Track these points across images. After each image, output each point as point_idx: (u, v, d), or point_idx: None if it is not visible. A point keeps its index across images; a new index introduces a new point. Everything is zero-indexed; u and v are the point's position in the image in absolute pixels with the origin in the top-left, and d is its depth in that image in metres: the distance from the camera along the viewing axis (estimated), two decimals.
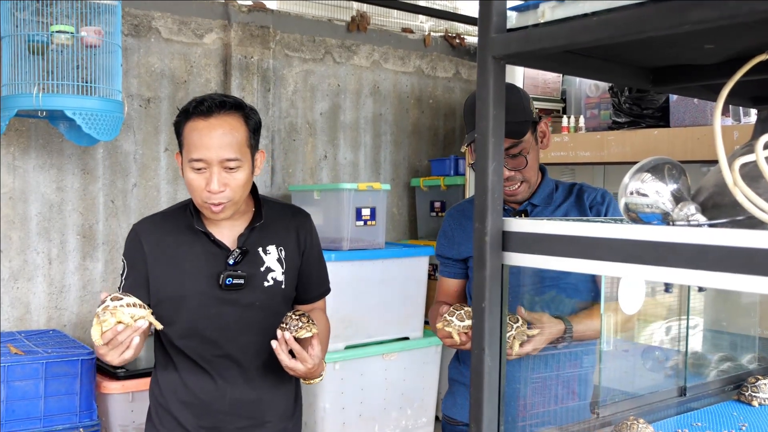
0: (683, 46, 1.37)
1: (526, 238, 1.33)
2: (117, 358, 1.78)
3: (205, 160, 1.93)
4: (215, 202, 1.96)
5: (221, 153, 1.94)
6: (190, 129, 1.96)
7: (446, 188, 4.50)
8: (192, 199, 2.04)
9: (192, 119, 1.96)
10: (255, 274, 2.07)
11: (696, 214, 1.19)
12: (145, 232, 2.08)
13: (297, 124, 4.42)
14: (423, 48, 4.99)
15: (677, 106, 3.28)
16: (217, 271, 2.03)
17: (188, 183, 1.98)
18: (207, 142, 1.93)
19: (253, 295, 2.06)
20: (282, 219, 2.17)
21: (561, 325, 1.96)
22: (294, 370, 1.96)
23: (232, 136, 1.96)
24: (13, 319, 3.42)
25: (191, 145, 1.95)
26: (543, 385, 1.98)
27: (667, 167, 1.28)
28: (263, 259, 2.09)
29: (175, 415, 2.06)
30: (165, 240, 2.07)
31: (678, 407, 1.89)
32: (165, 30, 3.84)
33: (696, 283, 1.07)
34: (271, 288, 2.09)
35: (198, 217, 2.06)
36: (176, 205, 2.18)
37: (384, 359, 3.92)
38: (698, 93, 1.81)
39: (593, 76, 1.71)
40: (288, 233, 2.16)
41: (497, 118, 1.35)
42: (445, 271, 2.36)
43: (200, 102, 1.97)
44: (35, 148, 3.47)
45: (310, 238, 2.21)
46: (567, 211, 2.17)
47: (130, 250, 2.08)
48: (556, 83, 4.33)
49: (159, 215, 2.16)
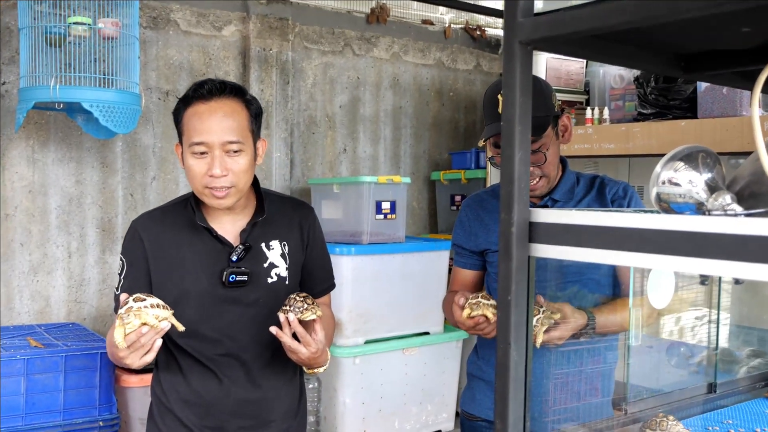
0: (719, 30, 1.32)
1: (554, 228, 1.29)
2: (138, 361, 1.73)
3: (206, 144, 1.88)
4: (218, 186, 1.90)
5: (223, 136, 1.89)
6: (191, 114, 1.91)
7: (467, 182, 4.46)
8: (192, 190, 1.98)
9: (192, 104, 1.92)
10: (258, 270, 2.01)
11: (732, 203, 1.14)
12: (145, 228, 2.02)
13: (316, 117, 4.39)
14: (443, 40, 4.94)
15: (705, 97, 3.21)
16: (219, 268, 1.97)
17: (188, 169, 1.93)
18: (208, 126, 1.89)
19: (256, 293, 2.01)
20: (284, 213, 2.11)
21: (583, 316, 1.91)
22: (297, 354, 1.89)
23: (233, 119, 1.92)
24: (33, 312, 3.42)
25: (192, 130, 1.90)
26: (565, 381, 1.93)
27: (702, 156, 1.24)
28: (266, 255, 2.03)
29: (178, 414, 2.01)
30: (166, 236, 2.01)
31: (707, 404, 1.85)
32: (183, 22, 3.82)
33: (734, 274, 1.02)
34: (275, 284, 2.03)
35: (200, 212, 2.00)
36: (175, 200, 2.12)
37: (404, 354, 3.89)
38: (731, 81, 1.76)
39: (624, 63, 1.66)
40: (291, 227, 2.10)
41: (524, 106, 1.31)
42: (461, 262, 2.32)
43: (200, 85, 1.93)
44: (54, 141, 3.46)
45: (313, 231, 2.15)
46: (588, 205, 2.13)
47: (130, 247, 2.02)
48: (580, 74, 4.27)
49: (158, 211, 2.09)
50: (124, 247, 2.04)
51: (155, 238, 2.00)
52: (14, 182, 3.36)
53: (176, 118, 1.97)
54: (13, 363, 2.69)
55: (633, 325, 1.67)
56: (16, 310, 3.37)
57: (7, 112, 3.31)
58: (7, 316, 3.34)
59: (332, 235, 3.90)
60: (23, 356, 2.70)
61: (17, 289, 3.37)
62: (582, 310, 1.93)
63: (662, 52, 1.55)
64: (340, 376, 3.70)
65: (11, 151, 3.35)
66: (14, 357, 2.69)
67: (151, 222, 2.03)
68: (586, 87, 4.30)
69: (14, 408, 2.70)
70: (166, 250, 1.99)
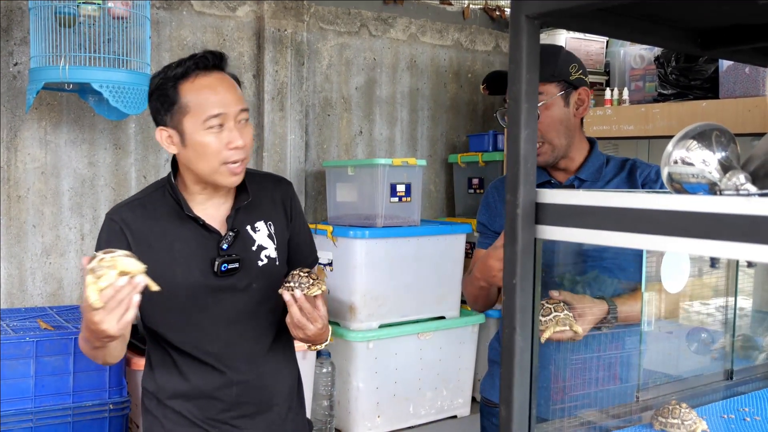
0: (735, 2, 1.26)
1: (561, 210, 1.25)
2: (116, 323, 1.55)
3: (225, 114, 1.83)
4: (238, 159, 1.85)
5: (237, 104, 1.86)
6: (198, 87, 1.84)
7: (484, 164, 4.40)
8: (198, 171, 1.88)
9: (191, 78, 1.85)
10: (248, 255, 1.96)
11: (746, 183, 1.10)
12: (125, 221, 1.91)
13: (332, 99, 4.35)
14: (462, 21, 4.87)
15: (727, 76, 3.13)
16: (209, 257, 1.91)
17: (204, 147, 1.83)
18: (223, 96, 1.84)
19: (248, 278, 1.96)
20: (266, 191, 2.05)
21: (604, 305, 1.85)
22: (304, 329, 1.86)
23: (237, 88, 1.89)
24: (46, 294, 3.41)
25: (204, 103, 1.83)
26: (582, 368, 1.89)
27: (715, 134, 1.19)
28: (253, 238, 1.98)
29: (179, 410, 1.96)
30: (150, 228, 1.91)
31: (725, 391, 1.80)
32: (197, 2, 3.79)
33: (746, 257, 0.97)
34: (266, 267, 1.99)
35: (185, 202, 1.93)
36: (149, 189, 2.02)
37: (419, 339, 3.86)
38: (751, 58, 1.69)
39: (637, 39, 1.61)
40: (274, 206, 2.05)
41: (531, 83, 1.26)
42: (484, 243, 2.29)
43: (200, 56, 1.86)
44: (67, 122, 3.44)
45: (295, 207, 2.10)
46: (617, 186, 2.08)
47: (110, 241, 1.87)
48: (600, 55, 4.19)
49: (135, 201, 1.98)
50: (102, 241, 1.91)
51: (138, 228, 1.91)
52: (27, 164, 3.35)
53: (168, 99, 1.86)
54: (23, 345, 2.69)
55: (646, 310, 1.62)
56: (29, 292, 3.37)
57: (20, 93, 3.30)
58: (20, 298, 3.34)
59: (346, 218, 3.87)
60: (32, 338, 2.70)
61: (30, 271, 3.37)
62: (603, 299, 1.88)
63: (677, 27, 1.49)
64: (354, 360, 3.68)
65: (24, 132, 3.34)
66: (23, 339, 2.69)
67: (130, 213, 1.93)
68: (606, 68, 4.22)
69: (24, 390, 2.70)
70: (152, 241, 1.91)
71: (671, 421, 1.50)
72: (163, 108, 1.87)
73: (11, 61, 3.29)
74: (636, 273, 2.02)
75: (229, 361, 1.96)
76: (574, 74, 2.07)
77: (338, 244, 3.69)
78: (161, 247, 1.91)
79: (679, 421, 1.49)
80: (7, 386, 2.66)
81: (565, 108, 2.06)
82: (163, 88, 1.86)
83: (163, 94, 1.87)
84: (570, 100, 2.07)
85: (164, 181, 1.99)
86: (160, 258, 1.89)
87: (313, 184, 4.27)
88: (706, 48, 1.56)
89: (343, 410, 3.76)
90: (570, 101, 2.07)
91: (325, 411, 3.68)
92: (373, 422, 3.75)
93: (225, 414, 1.98)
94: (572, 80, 2.06)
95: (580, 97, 2.09)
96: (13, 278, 3.33)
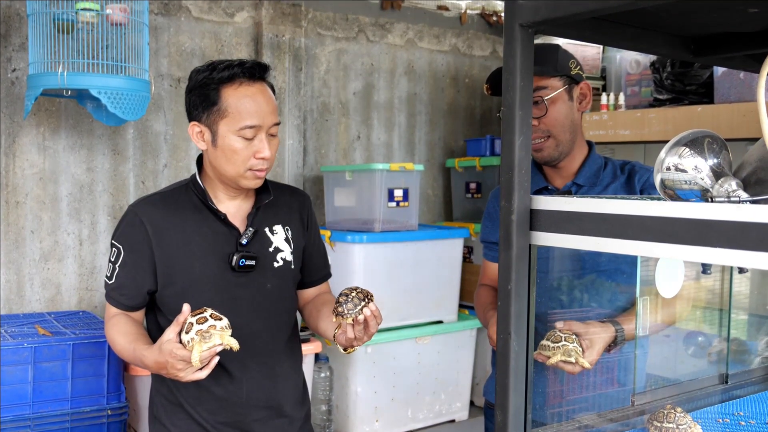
0: (725, 10, 1.28)
1: (555, 216, 1.26)
2: (191, 375, 1.71)
3: (259, 126, 1.88)
4: (262, 168, 1.91)
5: (272, 118, 1.92)
6: (240, 95, 1.88)
7: (482, 169, 4.41)
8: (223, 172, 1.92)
9: (236, 84, 1.89)
10: (265, 255, 2.00)
11: (738, 190, 1.10)
12: (146, 213, 1.95)
13: (330, 104, 4.36)
14: (459, 26, 4.89)
15: (722, 82, 3.15)
16: (227, 252, 1.94)
17: (233, 152, 1.88)
18: (262, 108, 1.89)
19: (263, 277, 1.99)
20: (284, 198, 2.10)
21: (611, 329, 1.82)
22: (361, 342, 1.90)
23: (273, 100, 1.94)
24: (44, 300, 3.42)
25: (244, 112, 1.87)
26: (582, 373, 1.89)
27: (707, 141, 1.20)
28: (271, 240, 2.02)
29: (189, 412, 1.97)
30: (170, 220, 1.96)
31: (720, 395, 1.81)
32: (195, 8, 3.80)
33: (736, 263, 0.99)
34: (281, 269, 2.02)
35: (209, 196, 1.97)
36: (173, 186, 2.07)
37: (417, 343, 3.86)
38: (743, 64, 1.71)
39: (630, 46, 1.62)
40: (291, 212, 2.10)
41: (525, 90, 1.28)
42: (490, 255, 2.29)
43: (242, 65, 1.90)
44: (65, 128, 3.45)
45: (312, 218, 2.16)
46: (615, 192, 2.08)
47: (130, 233, 1.95)
48: (596, 60, 4.21)
49: (157, 196, 2.03)
50: (122, 233, 1.97)
51: (159, 222, 1.95)
52: (25, 169, 3.36)
53: (208, 98, 1.90)
54: (21, 351, 2.69)
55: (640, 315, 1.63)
56: (27, 298, 3.37)
57: (18, 99, 3.31)
58: (18, 304, 3.35)
59: (344, 223, 3.88)
60: (30, 344, 2.70)
61: (28, 277, 3.38)
62: (607, 321, 1.87)
63: (670, 34, 1.51)
64: (352, 365, 3.68)
65: (22, 138, 3.34)
66: (21, 345, 2.69)
67: (152, 207, 1.97)
68: (602, 73, 4.24)
69: (22, 396, 2.70)
70: (171, 235, 1.94)
71: (666, 425, 1.50)
72: (202, 105, 1.91)
73: (9, 67, 3.30)
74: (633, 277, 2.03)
75: (239, 362, 1.96)
76: (574, 69, 2.08)
77: (336, 249, 3.70)
78: (180, 240, 1.94)
79: (674, 425, 1.50)
80: (5, 392, 2.66)
81: (570, 102, 2.06)
82: (206, 87, 1.90)
83: (204, 92, 1.90)
84: (573, 95, 2.08)
85: (188, 180, 2.04)
86: (179, 251, 1.93)
87: (311, 189, 4.28)
88: (699, 55, 1.57)
89: (342, 415, 3.77)
90: (573, 95, 2.08)
91: (324, 415, 3.68)
92: (372, 426, 3.76)
93: (237, 418, 1.98)
94: (573, 75, 2.07)
95: (582, 92, 2.10)
96: (11, 284, 3.34)
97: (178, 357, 1.66)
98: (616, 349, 1.84)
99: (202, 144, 1.93)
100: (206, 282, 1.94)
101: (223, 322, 1.69)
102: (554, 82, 2.04)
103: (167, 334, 1.69)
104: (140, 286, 1.94)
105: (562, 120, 2.04)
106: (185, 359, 1.66)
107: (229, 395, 1.96)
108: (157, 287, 1.95)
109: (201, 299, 1.91)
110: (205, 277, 1.94)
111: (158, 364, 1.73)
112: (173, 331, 1.68)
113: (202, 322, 1.67)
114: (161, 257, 1.94)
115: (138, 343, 1.84)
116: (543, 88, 2.02)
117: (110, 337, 1.95)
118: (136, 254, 1.94)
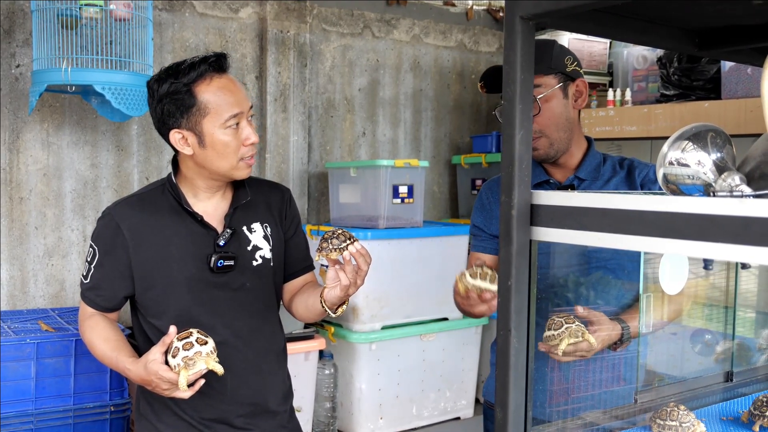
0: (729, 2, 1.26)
1: (556, 211, 1.24)
2: (175, 393, 1.75)
3: (241, 113, 1.90)
4: (251, 155, 1.94)
5: (248, 102, 1.95)
6: (215, 89, 1.89)
7: (488, 165, 4.39)
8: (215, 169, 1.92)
9: (206, 80, 1.89)
10: (243, 254, 2.00)
11: (741, 184, 1.09)
12: (123, 216, 1.95)
13: (335, 100, 4.35)
14: (465, 22, 4.87)
15: (729, 77, 3.12)
16: (206, 253, 1.94)
17: (224, 145, 1.89)
18: (237, 96, 1.91)
19: (242, 277, 1.99)
20: (262, 194, 2.10)
21: (617, 327, 1.81)
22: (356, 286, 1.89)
23: (242, 86, 1.97)
24: (48, 296, 3.42)
25: (224, 104, 1.88)
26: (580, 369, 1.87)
27: (711, 135, 1.18)
28: (249, 238, 2.02)
29: (174, 409, 1.98)
30: (147, 223, 1.95)
31: (724, 393, 1.79)
32: (199, 4, 3.79)
33: (739, 258, 0.97)
34: (260, 267, 2.02)
35: (184, 198, 1.97)
36: (149, 187, 2.06)
37: (422, 340, 3.85)
38: (749, 58, 1.68)
39: (634, 39, 1.60)
40: (270, 209, 2.09)
41: (525, 83, 1.26)
42: (479, 246, 2.26)
43: (213, 59, 1.91)
44: (69, 124, 3.45)
45: (291, 212, 2.15)
46: (616, 186, 2.06)
47: (106, 236, 1.95)
48: (603, 55, 4.18)
49: (134, 198, 2.03)
50: (98, 235, 1.97)
51: (136, 225, 1.94)
52: (29, 165, 3.35)
53: (183, 102, 1.88)
54: (24, 347, 2.69)
55: (644, 312, 1.61)
56: (31, 294, 3.37)
57: (22, 94, 3.31)
58: (22, 300, 3.35)
59: (349, 220, 3.86)
60: (33, 340, 2.70)
61: (32, 273, 3.38)
62: (615, 319, 1.86)
63: (674, 27, 1.49)
64: (357, 362, 3.67)
65: (26, 134, 3.34)
66: (24, 341, 2.69)
67: (129, 209, 1.97)
68: (609, 68, 4.21)
69: (24, 392, 2.70)
70: (149, 237, 1.94)
71: (669, 423, 1.49)
72: (178, 111, 1.89)
73: (13, 62, 3.30)
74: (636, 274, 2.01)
75: (223, 360, 1.95)
76: (570, 66, 2.06)
77: None
78: (158, 242, 1.94)
79: (677, 423, 1.48)
80: (7, 388, 2.67)
81: (564, 100, 2.04)
82: (176, 93, 1.88)
83: (176, 98, 1.88)
84: (568, 92, 2.06)
85: (164, 180, 2.03)
86: (157, 253, 1.93)
87: (316, 185, 4.27)
88: (704, 48, 1.55)
89: (346, 412, 3.76)
90: (568, 93, 2.06)
91: (328, 413, 3.67)
92: (376, 424, 3.75)
93: (222, 415, 1.98)
94: (569, 72, 2.05)
95: (578, 89, 2.08)
96: (15, 280, 3.34)
97: (165, 379, 1.70)
98: (622, 347, 1.82)
99: (187, 149, 1.91)
100: (185, 284, 1.94)
101: (208, 346, 1.72)
102: (548, 80, 2.02)
103: (153, 353, 1.72)
104: (116, 290, 1.96)
105: (555, 119, 2.02)
106: (172, 381, 1.70)
107: (214, 392, 1.97)
108: (135, 291, 1.96)
109: (180, 301, 1.93)
110: (184, 278, 1.94)
111: (143, 381, 1.77)
112: (159, 351, 1.72)
113: (188, 348, 1.70)
114: (139, 261, 1.93)
115: (121, 353, 1.86)
116: (536, 86, 1.99)
117: (88, 340, 1.96)
118: (112, 258, 1.94)
